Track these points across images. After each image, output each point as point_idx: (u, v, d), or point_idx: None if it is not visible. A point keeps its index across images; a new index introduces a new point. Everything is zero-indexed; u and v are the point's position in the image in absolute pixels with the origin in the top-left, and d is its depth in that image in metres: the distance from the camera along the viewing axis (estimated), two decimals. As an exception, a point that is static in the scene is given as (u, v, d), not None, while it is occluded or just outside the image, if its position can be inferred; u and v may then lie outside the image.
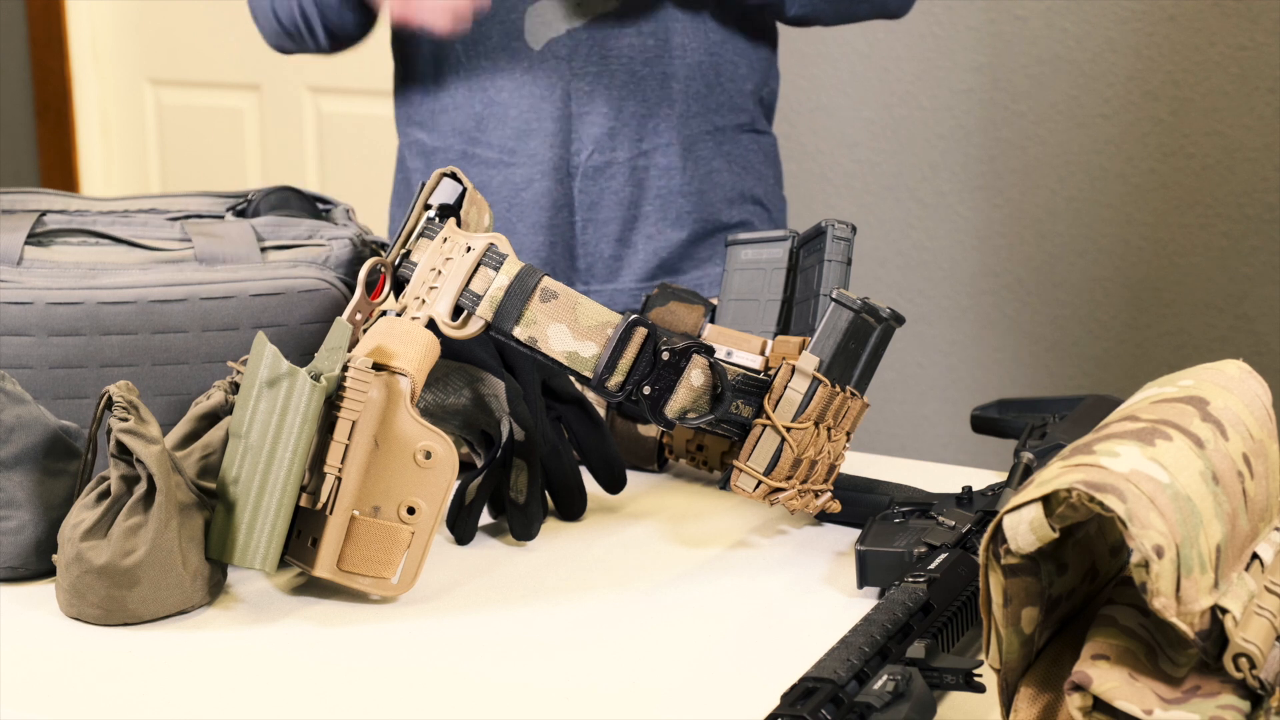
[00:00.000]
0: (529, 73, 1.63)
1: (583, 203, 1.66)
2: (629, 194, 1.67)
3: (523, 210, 1.66)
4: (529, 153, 1.65)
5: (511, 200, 1.67)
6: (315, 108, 3.28)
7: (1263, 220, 2.47)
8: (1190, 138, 2.49)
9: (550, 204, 1.66)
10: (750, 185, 1.73)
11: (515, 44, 1.63)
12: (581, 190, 1.66)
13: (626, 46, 1.62)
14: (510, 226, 1.67)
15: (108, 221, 1.29)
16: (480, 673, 0.99)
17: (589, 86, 1.63)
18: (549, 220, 1.66)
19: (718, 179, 1.69)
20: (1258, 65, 2.44)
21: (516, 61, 1.63)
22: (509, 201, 1.67)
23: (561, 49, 1.62)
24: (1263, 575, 0.86)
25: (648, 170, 1.66)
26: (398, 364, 1.08)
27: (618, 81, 1.63)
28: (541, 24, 1.62)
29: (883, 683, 0.84)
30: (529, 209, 1.66)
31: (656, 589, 1.12)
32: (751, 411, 1.13)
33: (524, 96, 1.64)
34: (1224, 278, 2.51)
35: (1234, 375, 0.93)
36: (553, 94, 1.63)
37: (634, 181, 1.66)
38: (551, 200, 1.66)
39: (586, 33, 1.62)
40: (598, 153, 1.65)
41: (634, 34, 1.62)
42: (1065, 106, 2.56)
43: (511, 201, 1.67)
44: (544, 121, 1.64)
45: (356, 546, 1.08)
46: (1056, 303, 2.62)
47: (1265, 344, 2.50)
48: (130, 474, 1.05)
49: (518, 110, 1.65)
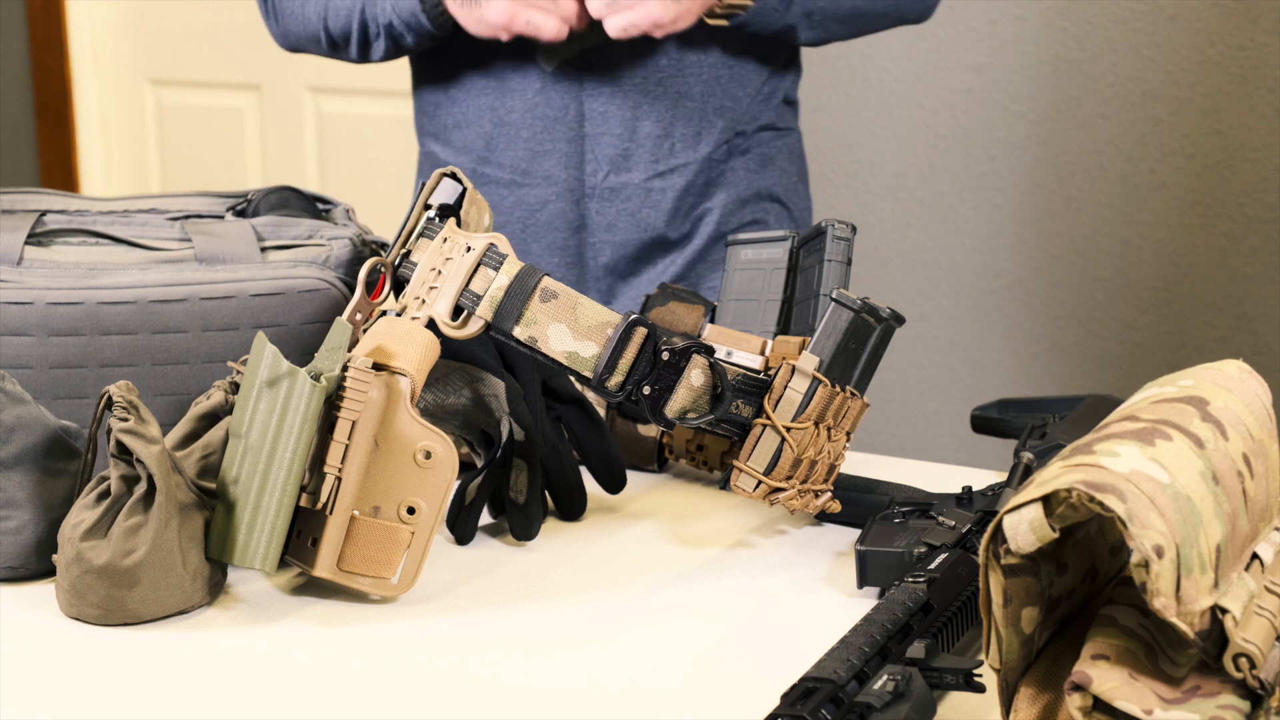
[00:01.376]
0: (541, 94, 1.62)
1: (599, 223, 1.64)
2: (646, 215, 1.65)
3: (538, 231, 1.65)
4: (543, 173, 1.64)
5: (526, 221, 1.66)
6: (315, 108, 3.28)
7: (1263, 220, 2.47)
8: (1190, 138, 2.49)
9: (565, 225, 1.65)
10: (769, 183, 1.71)
11: (526, 65, 1.61)
12: (598, 211, 1.64)
13: (640, 66, 1.61)
14: (525, 247, 1.66)
15: (108, 221, 1.29)
16: (480, 673, 0.99)
17: (602, 107, 1.61)
18: (564, 241, 1.65)
19: (732, 177, 1.68)
20: (1258, 65, 2.44)
21: (528, 83, 1.62)
22: (524, 222, 1.66)
23: (572, 70, 1.60)
24: (1263, 575, 0.86)
25: (665, 192, 1.65)
26: (398, 364, 1.08)
27: (630, 101, 1.61)
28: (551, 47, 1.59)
29: (883, 683, 0.84)
30: (544, 230, 1.65)
31: (656, 589, 1.12)
32: (751, 411, 1.13)
33: (537, 118, 1.62)
34: (1224, 278, 2.51)
35: (1234, 375, 0.93)
36: (566, 115, 1.62)
37: (650, 203, 1.64)
38: (566, 221, 1.65)
39: (598, 53, 1.60)
40: (613, 174, 1.63)
41: (647, 54, 1.60)
42: (1065, 106, 2.56)
43: (526, 222, 1.66)
44: (558, 143, 1.62)
45: (356, 546, 1.08)
46: (1056, 303, 2.62)
47: (1265, 344, 2.50)
48: (130, 474, 1.05)
49: (530, 131, 1.63)
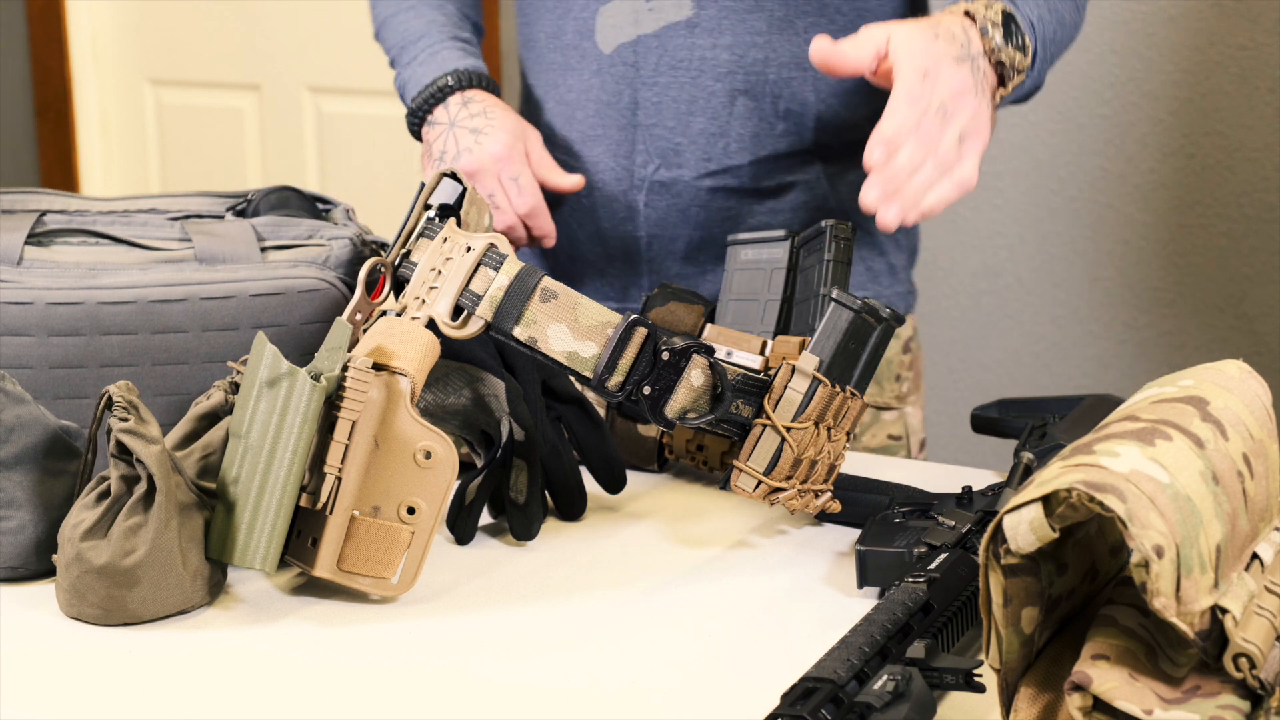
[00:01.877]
0: (597, 75, 1.53)
1: (648, 217, 1.55)
2: (696, 214, 1.55)
3: (582, 218, 1.57)
4: (593, 159, 1.55)
5: (574, 205, 1.57)
6: (315, 108, 3.28)
7: (1263, 220, 2.47)
8: (1190, 138, 2.49)
9: (610, 215, 1.56)
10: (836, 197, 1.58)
11: (586, 43, 1.53)
12: (647, 204, 1.54)
13: (698, 60, 1.50)
14: (571, 233, 1.58)
15: (108, 221, 1.29)
16: (480, 673, 0.99)
17: (656, 97, 1.52)
18: (609, 231, 1.57)
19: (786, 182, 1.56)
20: (1258, 65, 2.44)
21: (586, 62, 1.54)
22: (571, 206, 1.57)
23: (630, 54, 1.52)
24: (1263, 575, 0.86)
25: (716, 191, 1.54)
26: (398, 364, 1.08)
27: (686, 95, 1.51)
28: (611, 26, 1.52)
29: (883, 683, 0.84)
30: (588, 217, 1.57)
31: (656, 589, 1.12)
32: (751, 411, 1.13)
33: (591, 100, 1.54)
34: (1224, 278, 2.51)
35: (1234, 375, 0.93)
36: (619, 101, 1.53)
37: (699, 201, 1.54)
38: (611, 210, 1.56)
39: (656, 39, 1.51)
40: (664, 168, 1.53)
41: (707, 46, 1.51)
42: (1065, 106, 2.56)
43: (574, 206, 1.57)
44: (609, 129, 1.54)
45: (356, 546, 1.08)
46: (1056, 303, 2.62)
47: (1265, 344, 2.50)
48: (130, 474, 1.05)
49: (584, 113, 1.55)
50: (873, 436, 1.58)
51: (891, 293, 1.58)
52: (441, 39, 1.55)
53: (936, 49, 1.28)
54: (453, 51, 1.54)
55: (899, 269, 1.61)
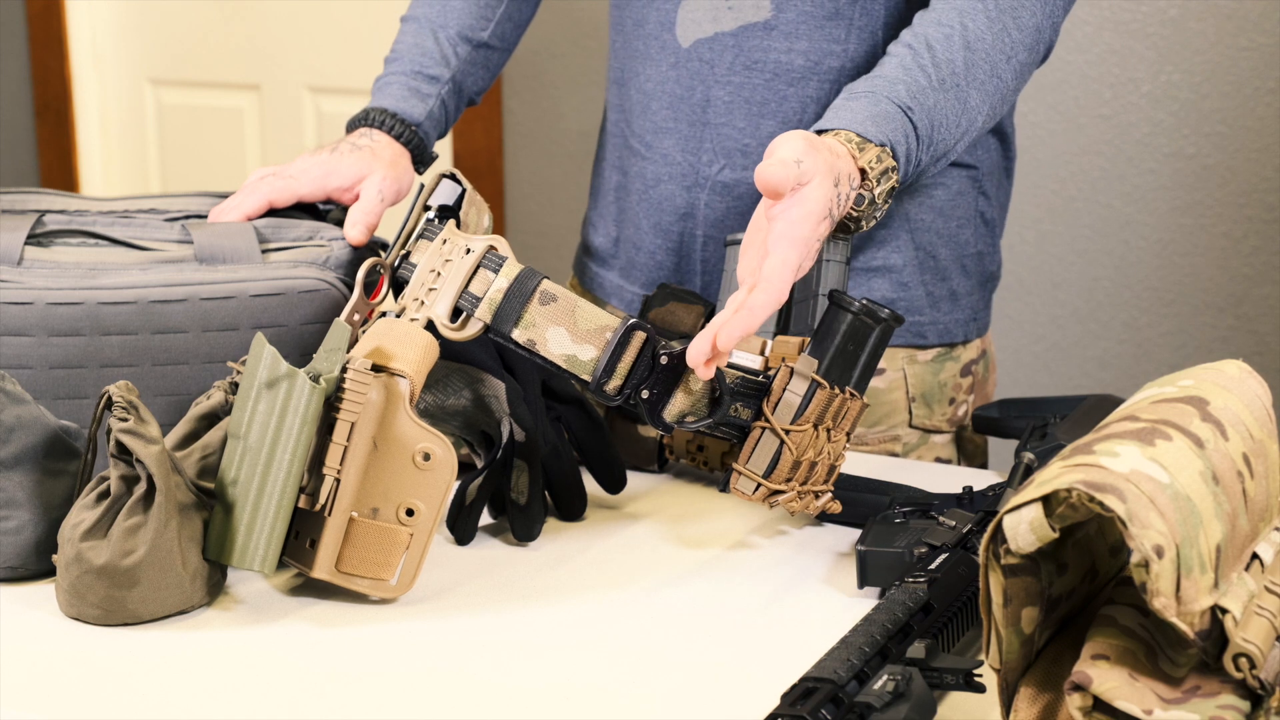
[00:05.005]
0: (674, 69, 1.52)
1: (708, 217, 1.52)
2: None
3: (648, 209, 1.56)
4: (662, 151, 1.54)
5: (642, 195, 1.56)
6: (315, 108, 3.28)
7: (1263, 220, 2.47)
8: (1190, 138, 2.49)
9: (673, 209, 1.54)
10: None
11: (666, 35, 1.52)
12: (708, 204, 1.52)
13: (773, 63, 1.48)
14: (636, 223, 1.57)
15: (107, 222, 1.29)
16: (480, 673, 0.99)
17: (729, 97, 1.49)
18: (669, 225, 1.55)
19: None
20: (1258, 65, 2.44)
21: (665, 54, 1.52)
22: (640, 195, 1.56)
23: (706, 51, 1.50)
24: (1263, 575, 0.86)
25: None
26: (397, 365, 1.08)
27: (758, 97, 1.49)
28: (692, 21, 1.50)
29: (883, 683, 0.84)
30: (653, 209, 1.55)
31: (656, 589, 1.12)
32: (750, 414, 1.13)
33: (665, 93, 1.53)
34: (1224, 278, 2.51)
35: (1234, 375, 0.93)
36: (691, 96, 1.51)
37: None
38: (674, 206, 1.54)
39: (733, 38, 1.49)
40: (729, 169, 1.51)
41: (783, 50, 1.47)
42: (1065, 107, 2.56)
43: (642, 196, 1.56)
44: (679, 124, 1.52)
45: (355, 548, 1.08)
46: (1056, 303, 2.62)
47: (1265, 344, 2.50)
48: (130, 474, 1.05)
49: (659, 104, 1.54)
50: (919, 458, 1.54)
51: (950, 319, 1.53)
52: (401, 72, 1.55)
53: (821, 230, 1.20)
54: (399, 89, 1.53)
55: (961, 295, 1.54)
